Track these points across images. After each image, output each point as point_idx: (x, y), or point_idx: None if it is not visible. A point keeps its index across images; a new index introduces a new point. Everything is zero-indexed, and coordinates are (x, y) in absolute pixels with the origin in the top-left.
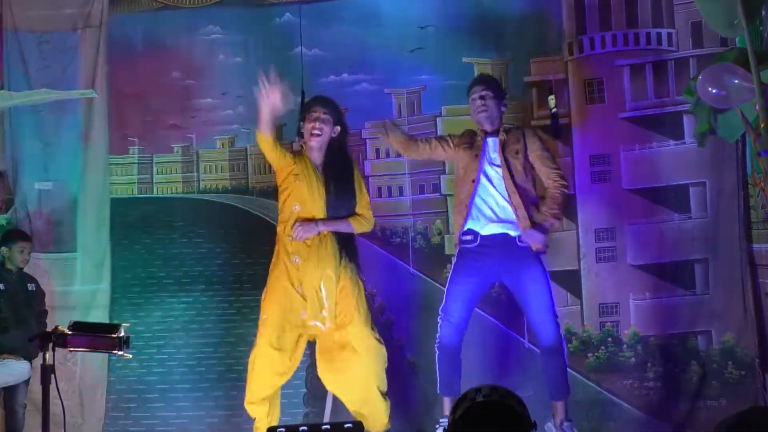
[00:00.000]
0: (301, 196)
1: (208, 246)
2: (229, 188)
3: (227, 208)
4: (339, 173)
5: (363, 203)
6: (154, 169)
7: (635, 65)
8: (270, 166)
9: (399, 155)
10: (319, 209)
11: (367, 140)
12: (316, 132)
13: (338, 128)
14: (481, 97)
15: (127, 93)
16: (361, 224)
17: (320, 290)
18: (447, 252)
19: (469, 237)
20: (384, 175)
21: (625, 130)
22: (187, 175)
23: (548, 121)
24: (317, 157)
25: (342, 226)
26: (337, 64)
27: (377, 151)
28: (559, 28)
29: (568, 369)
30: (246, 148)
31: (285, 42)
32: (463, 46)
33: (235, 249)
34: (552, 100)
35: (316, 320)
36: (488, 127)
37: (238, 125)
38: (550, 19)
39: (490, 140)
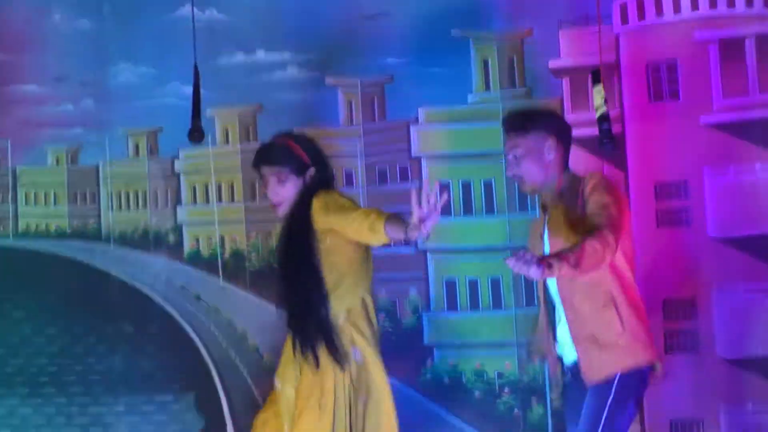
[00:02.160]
0: None
1: (32, 324)
2: (68, 231)
3: (65, 264)
4: (283, 232)
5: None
6: None
7: (728, 41)
8: (141, 197)
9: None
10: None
11: None
12: (276, 201)
13: (311, 170)
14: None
15: None
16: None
17: None
18: (427, 341)
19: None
20: None
21: (713, 144)
22: None
23: (587, 131)
24: None
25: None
26: (246, 36)
27: None
28: None
29: None
30: (97, 168)
31: None
32: (451, 10)
33: (78, 330)
34: (599, 93)
35: None
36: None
37: (84, 129)
38: None
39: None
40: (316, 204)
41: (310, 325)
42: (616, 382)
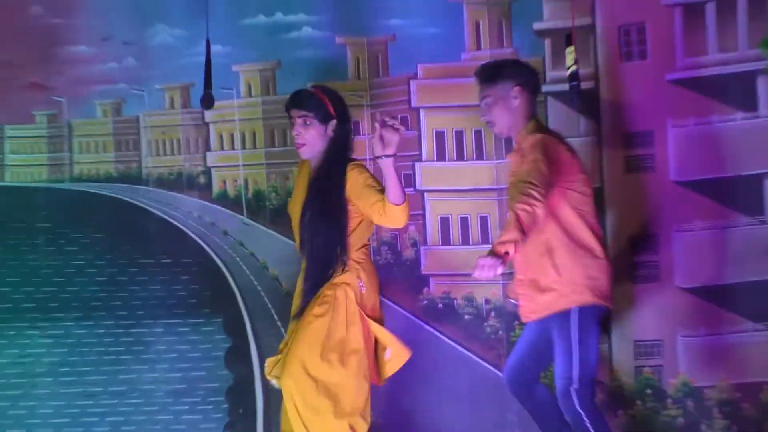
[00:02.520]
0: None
1: (84, 257)
2: (115, 175)
3: (112, 203)
4: (320, 189)
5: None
6: (7, 146)
7: (690, 5)
8: (175, 144)
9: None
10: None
11: None
12: (299, 142)
13: (334, 122)
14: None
15: None
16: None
17: None
18: (424, 271)
19: None
20: None
21: (676, 98)
22: (54, 155)
23: (566, 85)
24: (315, 166)
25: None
26: (266, 1)
27: None
28: None
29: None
30: (138, 118)
31: None
32: None
33: (123, 261)
34: (571, 54)
35: None
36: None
37: (126, 84)
38: None
39: None
40: (351, 175)
41: (329, 261)
42: (577, 317)
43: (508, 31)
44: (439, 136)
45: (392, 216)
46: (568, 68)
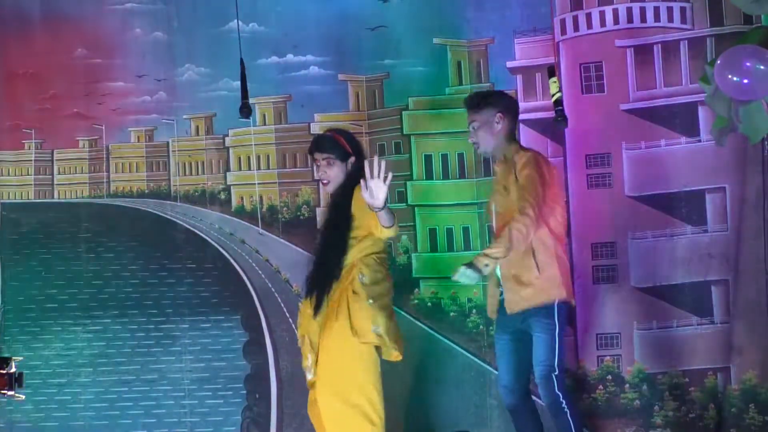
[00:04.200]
0: None
1: (120, 262)
2: (146, 191)
3: (144, 216)
4: (334, 206)
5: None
6: (55, 167)
7: (641, 47)
8: (199, 165)
9: None
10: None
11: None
12: (324, 181)
13: (352, 158)
14: (471, 126)
15: (21, 74)
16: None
17: None
18: (415, 274)
19: None
20: None
21: (628, 125)
22: (94, 175)
23: (535, 115)
24: (333, 192)
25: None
26: (280, 43)
27: None
28: (550, 2)
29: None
30: (167, 143)
31: (216, 14)
32: (434, 23)
33: (154, 266)
34: (555, 83)
35: None
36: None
37: (158, 115)
38: None
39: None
40: (357, 194)
41: (329, 269)
42: (556, 312)
43: (485, 69)
44: (428, 159)
45: (384, 233)
46: (553, 95)
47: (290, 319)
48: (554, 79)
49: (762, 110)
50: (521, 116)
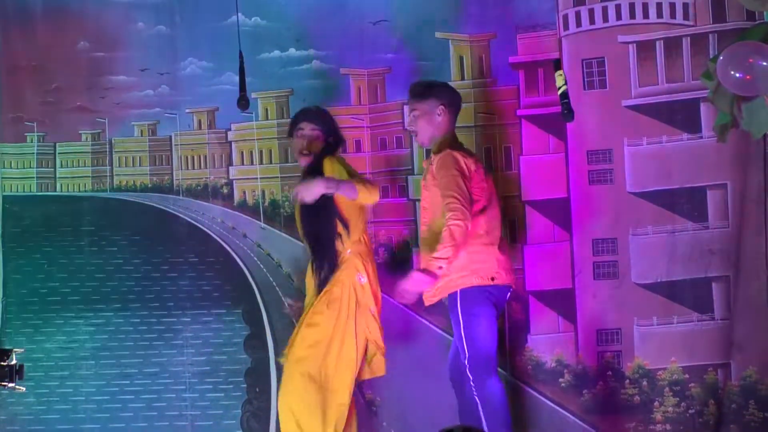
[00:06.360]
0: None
1: (122, 256)
2: (149, 185)
3: (146, 210)
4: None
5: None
6: (58, 161)
7: (643, 43)
8: (202, 159)
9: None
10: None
11: None
12: (305, 153)
13: (332, 136)
14: (412, 114)
15: (24, 67)
16: (363, 192)
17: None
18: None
19: None
20: None
21: (630, 121)
22: (97, 168)
23: (537, 111)
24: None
25: (345, 188)
26: (282, 37)
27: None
28: None
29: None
30: (170, 137)
31: (219, 8)
32: (436, 18)
33: (156, 260)
34: (560, 76)
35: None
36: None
37: (161, 109)
38: None
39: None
40: (327, 166)
41: (325, 255)
42: (458, 300)
43: (487, 64)
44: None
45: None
46: (559, 88)
47: (290, 313)
48: (560, 72)
49: (764, 106)
50: (524, 112)
